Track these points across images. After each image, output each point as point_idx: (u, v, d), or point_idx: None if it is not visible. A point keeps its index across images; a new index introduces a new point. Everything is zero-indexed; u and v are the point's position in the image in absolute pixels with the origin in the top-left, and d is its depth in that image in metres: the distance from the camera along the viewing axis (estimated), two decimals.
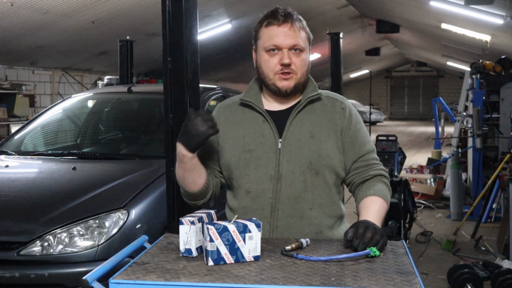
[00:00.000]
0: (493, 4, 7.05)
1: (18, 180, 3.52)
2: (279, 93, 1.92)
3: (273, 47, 1.88)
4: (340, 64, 5.58)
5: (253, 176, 1.90)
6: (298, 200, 1.89)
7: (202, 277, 1.44)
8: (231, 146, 1.95)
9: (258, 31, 1.93)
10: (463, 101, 9.04)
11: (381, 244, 1.63)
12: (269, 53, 1.89)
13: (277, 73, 1.89)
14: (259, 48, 1.93)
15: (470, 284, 4.17)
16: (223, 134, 1.97)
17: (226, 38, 12.82)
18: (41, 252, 2.84)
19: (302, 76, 1.92)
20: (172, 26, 2.85)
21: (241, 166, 1.92)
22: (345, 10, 14.08)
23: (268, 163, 1.89)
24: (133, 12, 9.36)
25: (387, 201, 1.90)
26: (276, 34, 1.88)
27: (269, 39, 1.89)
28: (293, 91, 1.92)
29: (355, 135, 1.95)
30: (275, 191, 1.89)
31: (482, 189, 6.54)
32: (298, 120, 1.93)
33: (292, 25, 1.88)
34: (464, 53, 15.90)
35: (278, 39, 1.87)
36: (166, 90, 2.88)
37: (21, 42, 9.46)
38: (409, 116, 33.04)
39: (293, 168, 1.88)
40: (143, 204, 3.15)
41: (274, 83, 1.91)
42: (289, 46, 1.87)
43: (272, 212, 1.89)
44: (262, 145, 1.91)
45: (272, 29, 1.88)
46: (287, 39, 1.87)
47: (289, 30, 1.87)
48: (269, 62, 1.90)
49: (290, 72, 1.89)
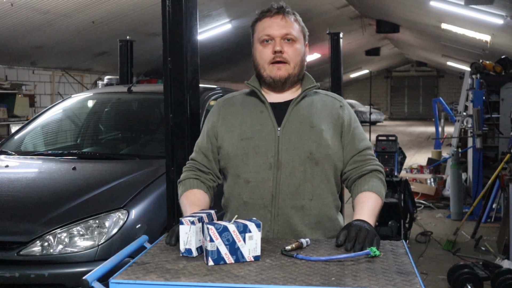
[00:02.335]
0: (493, 4, 7.05)
1: (18, 180, 3.51)
2: (273, 83, 1.95)
3: (266, 37, 1.94)
4: (340, 64, 5.57)
5: (252, 165, 1.91)
6: (298, 190, 1.90)
7: (202, 277, 1.44)
8: (229, 135, 1.97)
9: (254, 26, 2.00)
10: (463, 101, 9.04)
11: (374, 244, 1.64)
12: (263, 43, 1.95)
13: (270, 62, 1.93)
14: (254, 42, 1.99)
15: (470, 284, 4.17)
16: (222, 125, 2.00)
17: (226, 38, 12.82)
18: (41, 252, 2.84)
19: (295, 66, 1.95)
20: (172, 26, 2.85)
21: (239, 155, 1.93)
22: (345, 10, 14.09)
23: (267, 151, 1.90)
24: (133, 12, 9.36)
25: (381, 197, 1.93)
26: (268, 25, 1.94)
27: (262, 30, 1.95)
28: (288, 82, 1.96)
29: (354, 132, 1.99)
30: (275, 180, 1.89)
31: (482, 189, 6.54)
32: (297, 109, 1.95)
33: (284, 16, 1.94)
34: (464, 53, 15.91)
35: (271, 29, 1.93)
36: (166, 90, 2.88)
37: (21, 42, 9.47)
38: (409, 116, 33.03)
39: (293, 157, 1.89)
40: (143, 204, 3.15)
41: (268, 74, 1.94)
42: (281, 35, 1.92)
43: (273, 201, 1.90)
44: (260, 133, 1.93)
45: (265, 21, 1.95)
46: (279, 28, 1.93)
47: (281, 20, 1.94)
48: (263, 53, 1.95)
49: (282, 61, 1.92)
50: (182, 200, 1.98)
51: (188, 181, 2.01)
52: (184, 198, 1.97)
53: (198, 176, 2.01)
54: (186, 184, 2.01)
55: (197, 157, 2.05)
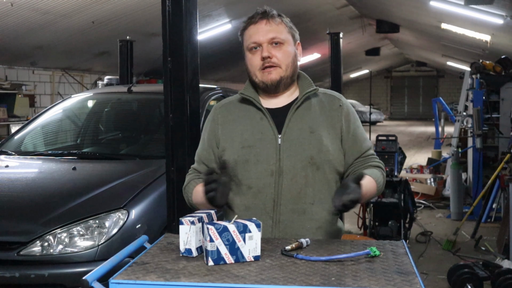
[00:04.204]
0: (493, 4, 7.05)
1: (18, 180, 3.51)
2: (267, 88, 1.95)
3: (253, 45, 1.94)
4: (340, 64, 5.57)
5: (253, 172, 1.91)
6: (300, 195, 1.90)
7: (202, 277, 1.44)
8: (230, 143, 1.96)
9: (242, 35, 2.00)
10: (463, 101, 9.04)
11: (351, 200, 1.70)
12: (252, 51, 1.95)
13: (260, 68, 1.93)
14: (244, 50, 1.99)
15: (470, 284, 4.16)
16: (222, 134, 1.99)
17: (226, 38, 12.80)
18: (41, 252, 2.84)
19: (287, 68, 1.94)
20: (172, 26, 2.85)
21: (240, 162, 1.93)
22: (345, 10, 14.08)
23: (269, 159, 1.91)
24: (133, 12, 9.35)
25: (378, 185, 1.94)
26: (254, 32, 1.94)
27: (248, 38, 1.95)
28: (281, 84, 1.95)
29: (355, 133, 1.99)
30: (276, 186, 1.90)
31: (482, 189, 6.54)
32: (297, 115, 1.95)
33: (268, 21, 1.94)
34: (464, 53, 15.90)
35: (256, 36, 1.93)
36: (166, 90, 2.88)
37: (21, 42, 9.46)
38: (409, 116, 33.02)
39: (294, 163, 1.89)
40: (143, 204, 3.15)
41: (261, 79, 1.94)
42: (267, 40, 1.92)
43: (275, 207, 1.90)
44: (261, 142, 1.93)
45: (251, 29, 1.95)
46: (264, 33, 1.92)
47: (266, 25, 1.93)
48: (252, 60, 1.95)
49: (272, 66, 1.92)
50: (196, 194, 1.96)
51: (196, 180, 2.01)
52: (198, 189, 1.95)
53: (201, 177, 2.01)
54: (191, 184, 2.01)
55: (199, 167, 2.06)
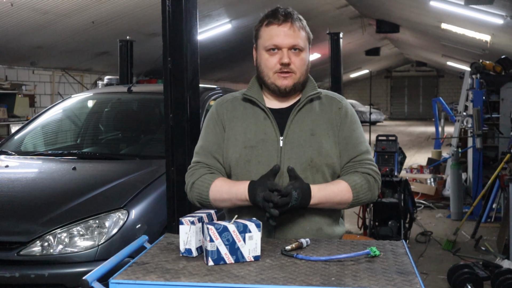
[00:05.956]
0: (493, 4, 7.05)
1: (18, 180, 3.51)
2: (278, 91, 1.94)
3: (273, 47, 1.90)
4: (340, 64, 5.57)
5: (254, 173, 1.90)
6: None
7: (202, 277, 1.44)
8: (233, 142, 1.96)
9: (259, 30, 1.95)
10: (463, 101, 9.04)
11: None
12: (269, 52, 1.91)
13: (276, 72, 1.91)
14: (259, 47, 1.95)
15: (470, 284, 4.16)
16: (227, 131, 1.98)
17: (226, 38, 12.81)
18: (41, 252, 2.84)
19: (301, 75, 1.94)
20: (172, 26, 2.85)
21: (241, 163, 1.92)
22: (345, 10, 14.08)
23: (270, 161, 1.90)
24: (133, 12, 9.35)
25: (353, 190, 1.88)
26: (276, 34, 1.89)
27: (269, 38, 1.91)
28: (292, 90, 1.95)
29: (349, 135, 1.97)
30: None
31: (482, 189, 6.54)
32: (298, 118, 1.95)
33: (292, 25, 1.90)
34: (464, 53, 15.89)
35: (278, 39, 1.89)
36: (166, 90, 2.88)
37: (21, 42, 9.46)
38: (409, 116, 33.02)
39: (295, 165, 1.89)
40: (143, 204, 3.15)
41: (273, 82, 1.93)
42: (288, 45, 1.89)
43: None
44: (263, 142, 1.92)
45: (272, 29, 1.90)
46: (287, 38, 1.89)
47: (289, 29, 1.89)
48: (269, 61, 1.92)
49: (289, 72, 1.91)
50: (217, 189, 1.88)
51: (208, 176, 1.92)
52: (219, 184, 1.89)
53: (213, 172, 1.96)
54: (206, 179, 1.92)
55: (208, 161, 1.97)
